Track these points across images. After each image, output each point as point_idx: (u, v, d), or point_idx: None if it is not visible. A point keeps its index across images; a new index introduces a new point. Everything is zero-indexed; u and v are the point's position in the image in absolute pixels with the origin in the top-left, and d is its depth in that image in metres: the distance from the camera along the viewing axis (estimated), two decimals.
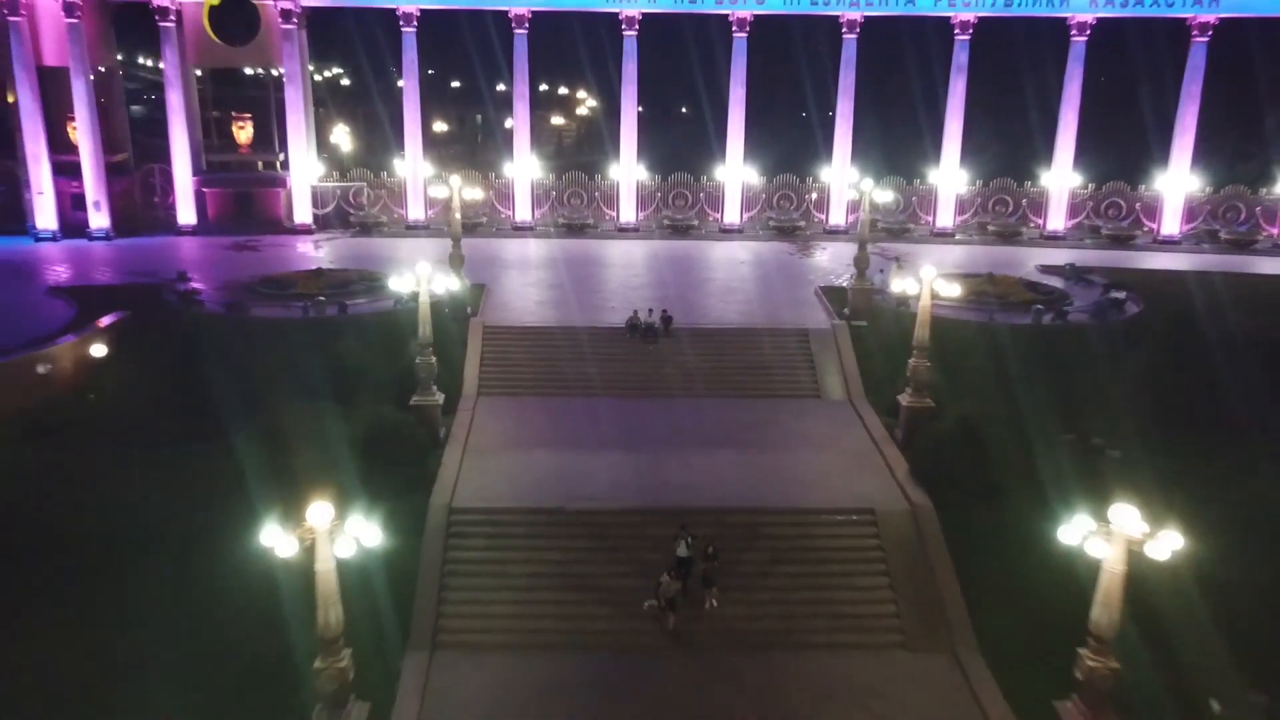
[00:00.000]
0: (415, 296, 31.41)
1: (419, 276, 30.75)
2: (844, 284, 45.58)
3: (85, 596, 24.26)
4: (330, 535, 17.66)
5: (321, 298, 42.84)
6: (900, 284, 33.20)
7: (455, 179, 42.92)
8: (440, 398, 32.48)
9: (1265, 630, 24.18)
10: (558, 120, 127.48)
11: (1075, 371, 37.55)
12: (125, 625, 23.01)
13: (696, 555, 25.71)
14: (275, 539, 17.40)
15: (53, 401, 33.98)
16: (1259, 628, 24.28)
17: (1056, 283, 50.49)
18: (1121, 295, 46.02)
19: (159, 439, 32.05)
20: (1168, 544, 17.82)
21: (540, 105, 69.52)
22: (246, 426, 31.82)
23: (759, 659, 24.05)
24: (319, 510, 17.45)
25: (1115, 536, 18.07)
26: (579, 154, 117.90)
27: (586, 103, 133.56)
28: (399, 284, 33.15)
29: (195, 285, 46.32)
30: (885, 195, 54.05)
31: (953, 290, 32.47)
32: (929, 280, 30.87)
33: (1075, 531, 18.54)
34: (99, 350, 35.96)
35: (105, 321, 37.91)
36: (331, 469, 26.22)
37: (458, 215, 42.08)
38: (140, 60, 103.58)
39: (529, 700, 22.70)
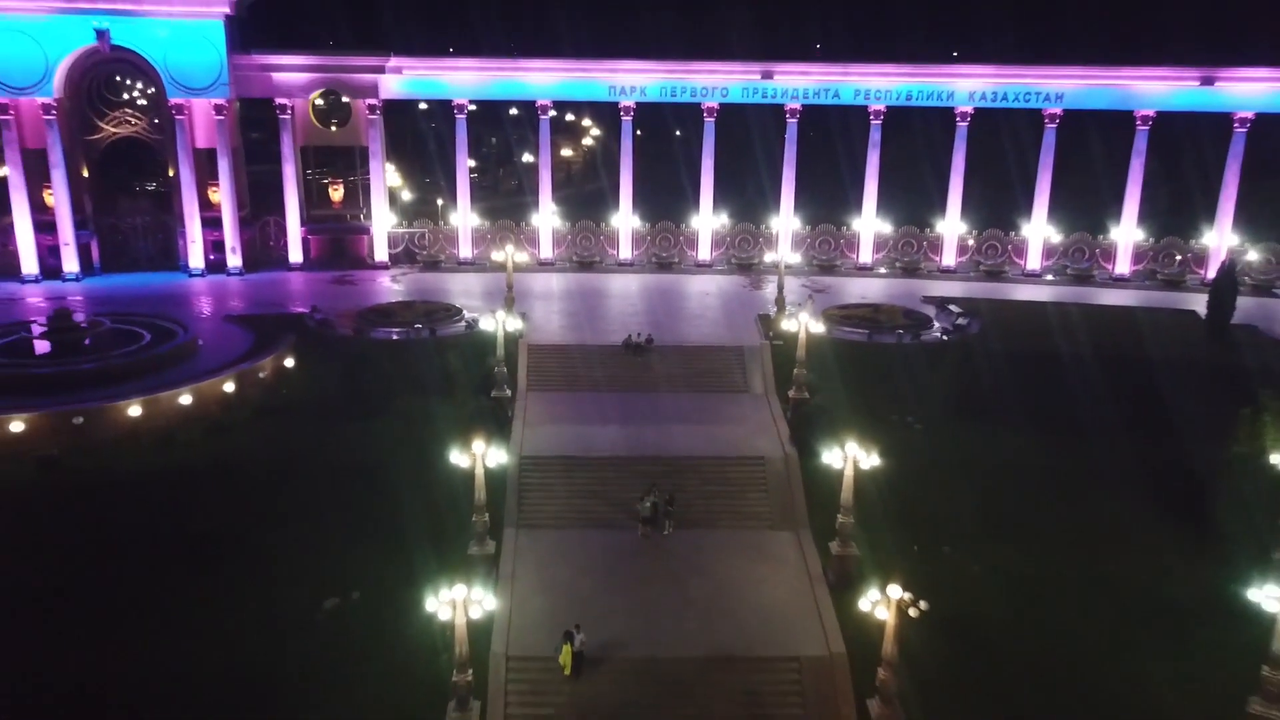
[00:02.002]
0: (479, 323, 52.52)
1: (497, 320, 51.50)
2: (772, 314, 65.97)
3: (325, 506, 44.68)
4: (483, 456, 38.20)
5: (418, 324, 63.54)
6: (787, 323, 53.70)
7: (510, 247, 63.53)
8: (509, 392, 53.21)
9: (966, 518, 44.66)
10: (566, 152, 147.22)
11: (910, 374, 58.00)
12: (363, 515, 43.48)
13: (661, 501, 45.57)
14: (458, 458, 38.09)
15: (266, 393, 54.60)
16: (962, 515, 44.80)
17: (929, 310, 70.95)
18: (964, 321, 66.59)
19: (334, 417, 52.52)
20: (869, 462, 38.36)
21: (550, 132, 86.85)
22: (390, 410, 52.64)
23: (691, 533, 44.46)
24: (479, 443, 38.02)
25: (847, 457, 38.59)
26: (585, 182, 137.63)
27: (591, 131, 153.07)
28: (469, 315, 53.78)
29: (326, 315, 66.86)
30: (794, 257, 74.56)
31: (819, 327, 52.92)
32: (804, 322, 51.35)
33: (831, 456, 39.11)
34: (289, 361, 56.68)
35: (287, 341, 58.47)
36: (449, 435, 46.51)
37: (511, 271, 62.46)
38: None
39: (568, 552, 42.98)
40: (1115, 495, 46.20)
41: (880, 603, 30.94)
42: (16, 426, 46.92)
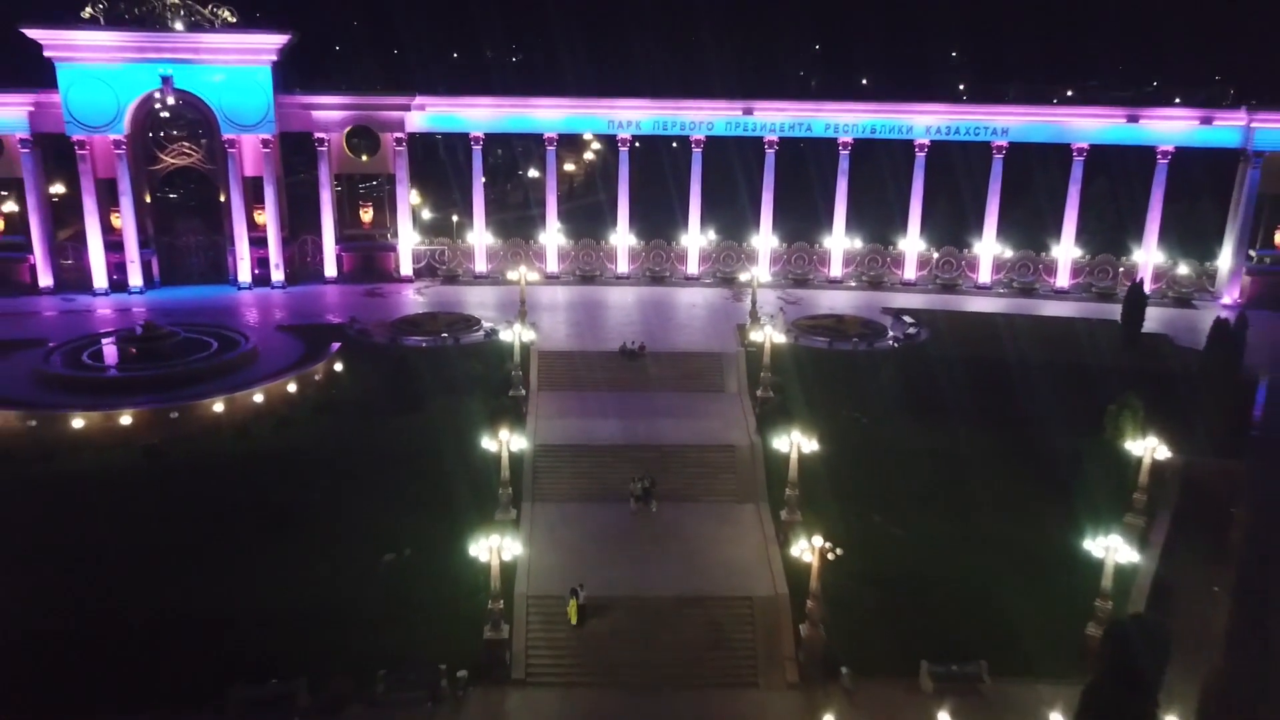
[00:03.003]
0: (497, 332, 63.30)
1: (514, 331, 62.09)
2: (747, 324, 76.52)
3: (377, 484, 55.20)
4: (507, 442, 48.78)
5: (444, 334, 74.13)
6: (757, 334, 64.28)
7: (523, 268, 74.04)
8: (523, 392, 63.83)
9: (896, 494, 55.14)
10: (569, 167, 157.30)
11: (862, 377, 68.55)
12: (409, 491, 54.03)
13: (648, 483, 56.11)
14: (489, 444, 48.73)
15: (320, 393, 65.20)
16: (893, 492, 55.30)
17: (886, 320, 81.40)
18: (915, 331, 77.10)
19: (379, 413, 62.97)
20: (810, 446, 48.89)
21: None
22: (425, 407, 63.20)
23: (672, 505, 54.98)
24: (503, 431, 48.62)
25: (792, 444, 49.12)
26: (586, 195, 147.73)
27: (592, 145, 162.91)
28: (487, 325, 64.56)
29: (364, 325, 77.43)
30: (767, 275, 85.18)
31: (780, 338, 63.50)
32: (769, 333, 61.97)
33: (780, 442, 49.65)
34: (339, 365, 67.32)
35: (335, 347, 69.08)
36: (477, 427, 56.94)
37: (524, 289, 72.88)
38: None
39: (574, 520, 53.55)
40: (1018, 475, 56.73)
41: (806, 549, 41.53)
42: (125, 420, 57.58)
